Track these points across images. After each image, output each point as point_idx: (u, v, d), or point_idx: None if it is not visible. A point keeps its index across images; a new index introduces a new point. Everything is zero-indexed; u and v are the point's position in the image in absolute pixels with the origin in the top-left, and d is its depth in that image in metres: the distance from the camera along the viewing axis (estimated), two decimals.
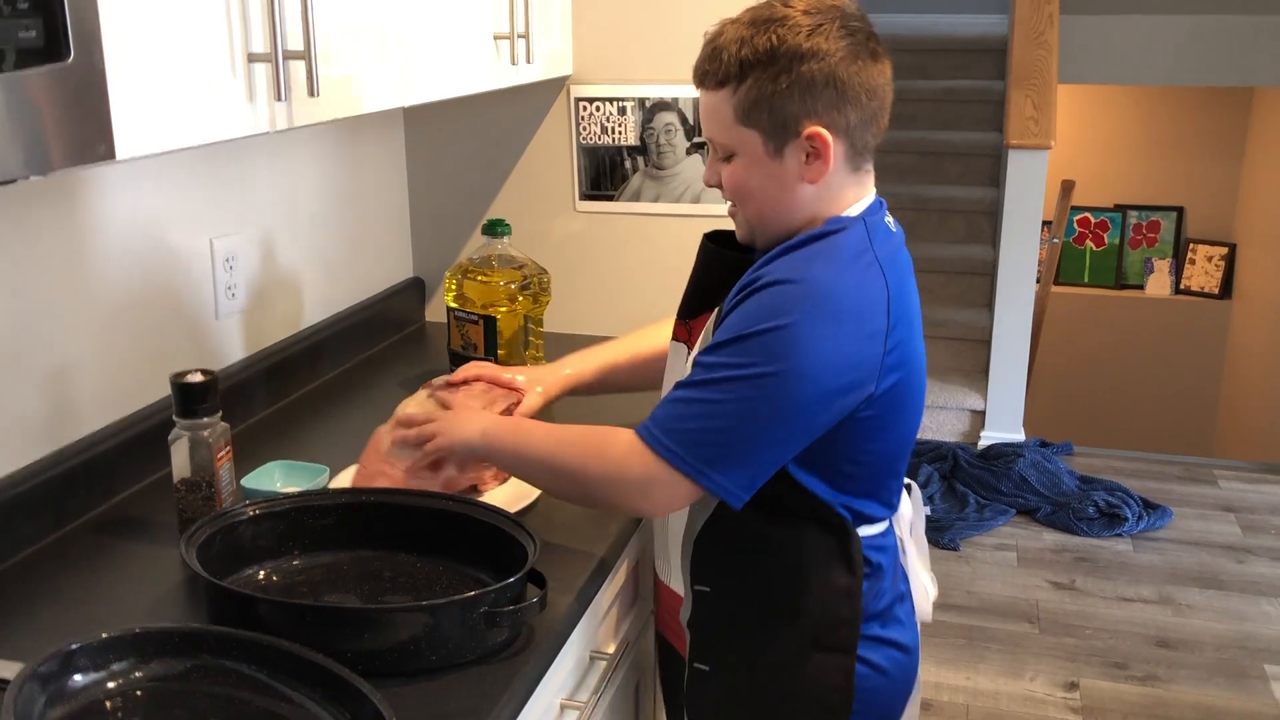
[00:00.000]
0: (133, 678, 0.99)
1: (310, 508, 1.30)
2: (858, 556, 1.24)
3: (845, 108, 1.18)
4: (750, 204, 1.25)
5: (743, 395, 1.14)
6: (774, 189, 1.22)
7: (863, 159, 1.23)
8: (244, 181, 1.74)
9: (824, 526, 1.23)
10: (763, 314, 1.14)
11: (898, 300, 1.19)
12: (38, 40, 0.83)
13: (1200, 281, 6.38)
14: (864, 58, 1.19)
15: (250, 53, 1.14)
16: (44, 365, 1.38)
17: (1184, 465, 4.09)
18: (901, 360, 1.19)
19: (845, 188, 1.23)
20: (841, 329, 1.14)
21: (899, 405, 1.21)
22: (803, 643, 1.25)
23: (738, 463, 1.15)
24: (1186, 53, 5.02)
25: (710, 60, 1.22)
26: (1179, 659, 2.90)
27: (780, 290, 1.15)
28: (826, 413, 1.15)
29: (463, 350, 1.84)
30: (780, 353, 1.12)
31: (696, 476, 1.16)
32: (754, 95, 1.18)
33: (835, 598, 1.24)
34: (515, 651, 1.14)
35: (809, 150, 1.19)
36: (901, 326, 1.19)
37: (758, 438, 1.14)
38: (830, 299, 1.14)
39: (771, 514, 1.23)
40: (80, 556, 1.33)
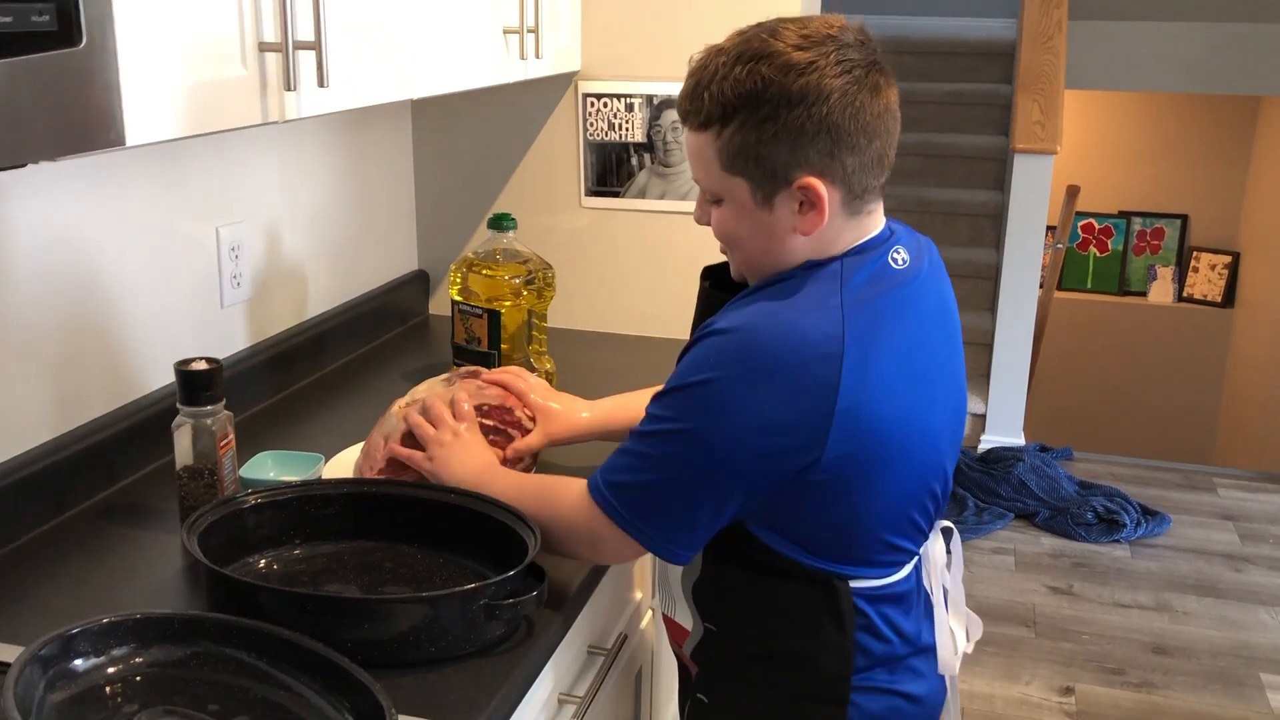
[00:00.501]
0: (133, 663, 1.00)
1: (312, 497, 1.30)
2: (848, 611, 1.16)
3: (841, 154, 1.08)
4: (738, 251, 1.17)
5: (668, 451, 1.10)
6: (763, 239, 1.13)
7: (864, 202, 1.13)
8: (251, 171, 1.75)
9: (808, 582, 1.16)
10: (694, 367, 1.09)
11: (859, 348, 1.06)
12: (50, 25, 0.83)
13: (1203, 290, 6.38)
14: (863, 96, 1.07)
15: (261, 42, 1.14)
16: (49, 351, 1.38)
17: (1183, 473, 4.09)
18: (863, 425, 1.07)
19: (842, 233, 1.13)
20: (768, 387, 1.05)
21: (867, 474, 1.10)
22: (793, 691, 1.21)
23: (668, 519, 1.12)
24: (1194, 60, 5.02)
25: (692, 99, 1.12)
26: (1175, 666, 2.90)
27: (713, 342, 1.09)
28: (758, 474, 1.08)
29: (466, 344, 1.85)
30: (701, 410, 1.07)
31: (633, 531, 1.13)
32: (738, 142, 1.09)
33: (824, 653, 1.18)
34: (514, 644, 1.14)
35: (802, 200, 1.10)
36: (868, 380, 1.06)
37: (685, 495, 1.10)
38: (761, 353, 1.05)
39: (754, 569, 1.18)
40: (82, 542, 1.33)
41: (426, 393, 1.46)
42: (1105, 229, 6.54)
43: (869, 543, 1.16)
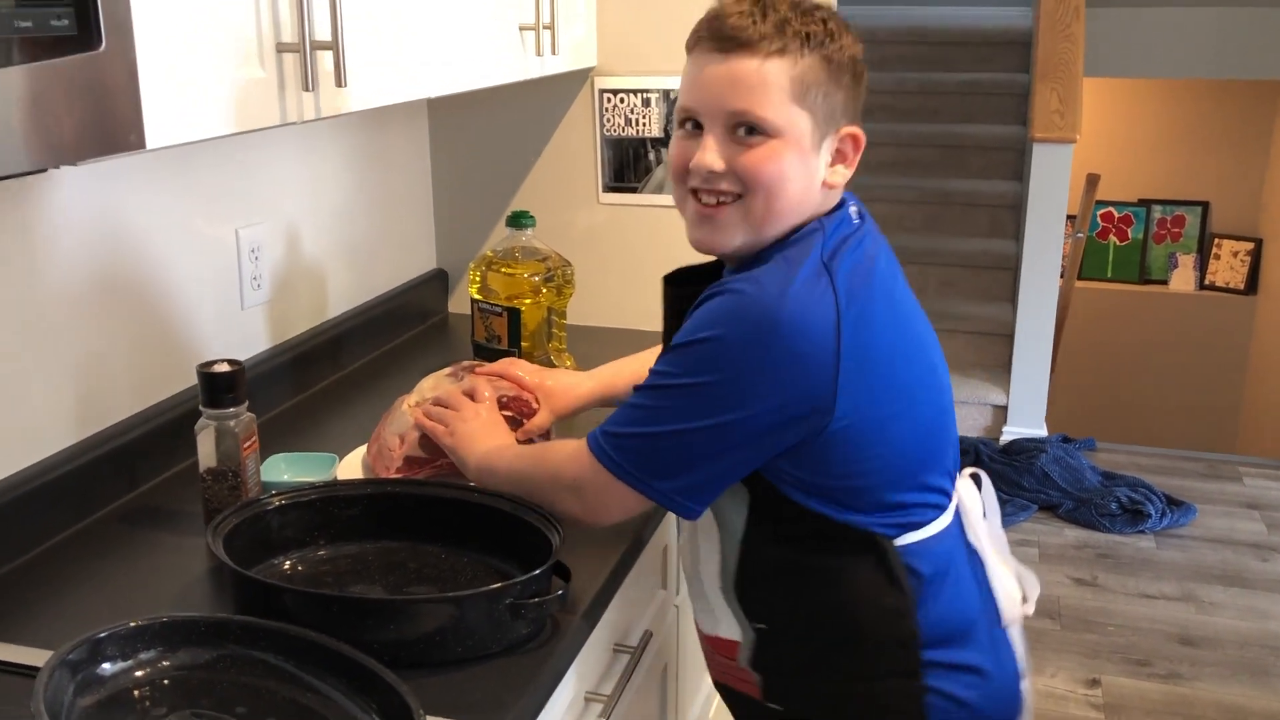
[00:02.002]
0: (160, 666, 1.00)
1: (336, 498, 1.31)
2: (901, 572, 1.15)
3: (858, 114, 1.18)
4: (770, 196, 1.12)
5: (672, 404, 1.10)
6: (802, 183, 1.13)
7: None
8: (269, 172, 1.75)
9: (855, 546, 1.15)
10: (702, 324, 1.10)
11: (851, 308, 1.09)
12: (70, 29, 0.83)
13: (1225, 277, 6.32)
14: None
15: (279, 42, 1.14)
16: (72, 354, 1.38)
17: (1208, 462, 4.06)
18: (870, 374, 1.09)
19: (837, 191, 1.19)
20: (774, 351, 1.06)
21: (885, 418, 1.11)
22: (862, 673, 1.18)
23: (676, 471, 1.11)
24: (1213, 46, 4.97)
25: (760, 18, 1.09)
26: (1202, 657, 2.88)
27: (722, 301, 1.10)
28: (764, 430, 1.08)
29: (486, 342, 1.84)
30: (709, 365, 1.08)
31: (634, 483, 1.13)
32: (815, 74, 1.10)
33: (886, 619, 1.16)
34: (540, 643, 1.14)
35: (837, 150, 1.15)
36: (860, 337, 1.09)
37: (694, 447, 1.10)
38: (766, 318, 1.07)
39: (799, 542, 1.16)
40: (107, 545, 1.33)
41: (433, 389, 1.47)
42: (1125, 217, 6.49)
43: (904, 486, 1.15)
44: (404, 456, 1.42)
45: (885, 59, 5.05)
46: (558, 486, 1.21)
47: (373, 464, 1.46)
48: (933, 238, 4.56)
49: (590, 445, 1.17)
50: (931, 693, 1.17)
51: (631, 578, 1.40)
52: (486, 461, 1.33)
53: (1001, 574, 1.26)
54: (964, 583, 1.21)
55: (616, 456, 1.14)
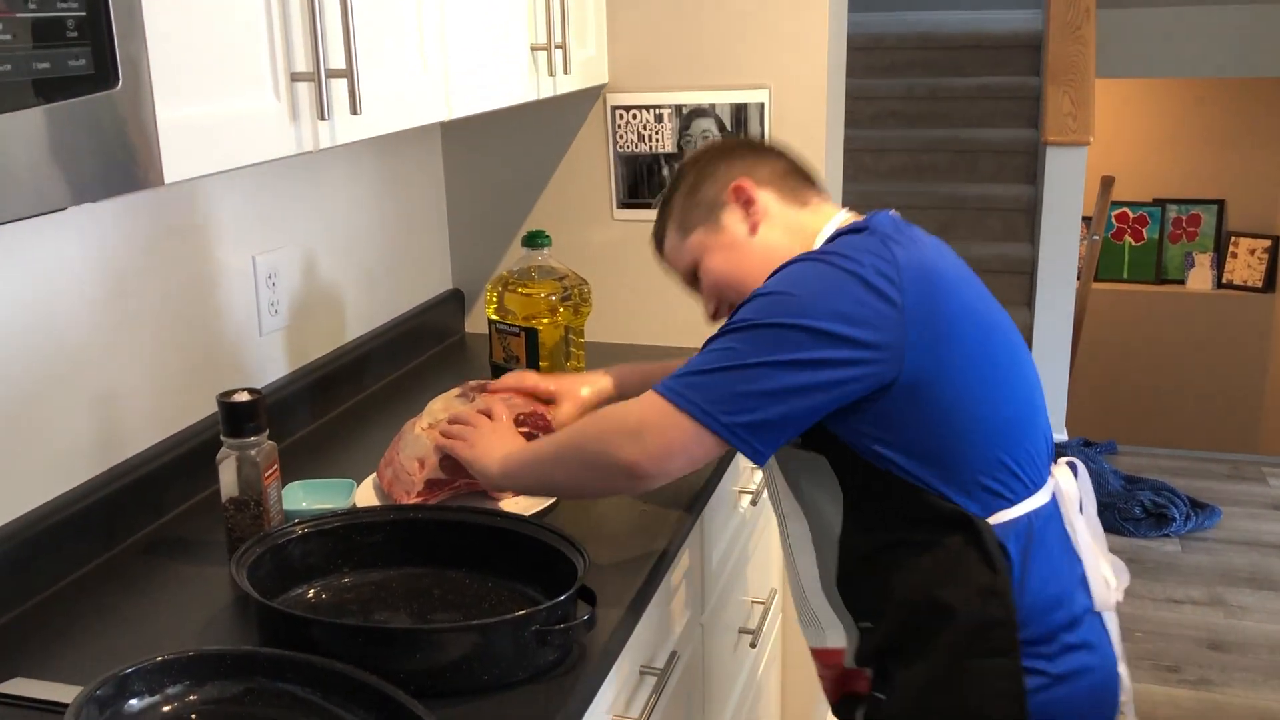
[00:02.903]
0: (187, 701, 1.00)
1: (359, 525, 1.30)
2: (995, 550, 1.18)
3: (754, 166, 1.34)
4: (730, 288, 1.33)
5: (746, 343, 1.16)
6: (735, 256, 1.32)
7: (803, 195, 1.34)
8: (285, 198, 1.75)
9: (949, 524, 1.19)
10: (775, 282, 1.21)
11: (912, 269, 1.18)
12: (87, 69, 0.83)
13: (1243, 275, 6.28)
14: (743, 146, 1.38)
15: (293, 72, 1.14)
16: (91, 386, 1.38)
17: (1231, 463, 4.03)
18: (945, 330, 1.16)
19: (801, 220, 1.32)
20: (843, 284, 1.16)
21: (966, 378, 1.17)
22: (958, 653, 1.20)
23: (744, 406, 1.15)
24: (1225, 44, 4.95)
25: (655, 239, 1.43)
26: (1232, 662, 2.85)
27: (793, 265, 1.22)
28: (835, 373, 1.14)
29: (504, 363, 1.84)
30: (779, 309, 1.16)
31: (700, 416, 1.16)
32: (680, 208, 1.37)
33: (980, 597, 1.18)
34: (566, 669, 1.13)
35: (743, 204, 1.32)
36: (931, 297, 1.17)
37: (763, 383, 1.14)
38: (833, 267, 1.18)
39: (890, 528, 1.21)
40: (131, 577, 1.33)
41: (443, 410, 1.47)
42: (1140, 217, 6.45)
43: (989, 459, 1.19)
44: (425, 480, 1.42)
45: (895, 65, 5.04)
46: (617, 435, 1.20)
47: (388, 489, 1.45)
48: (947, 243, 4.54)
49: (661, 391, 1.20)
50: (1030, 673, 1.19)
51: (657, 599, 1.39)
52: (511, 461, 1.34)
53: (1096, 560, 1.29)
54: (1058, 565, 1.23)
55: (685, 392, 1.17)
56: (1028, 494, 1.22)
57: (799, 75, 2.01)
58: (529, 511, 1.41)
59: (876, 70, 5.06)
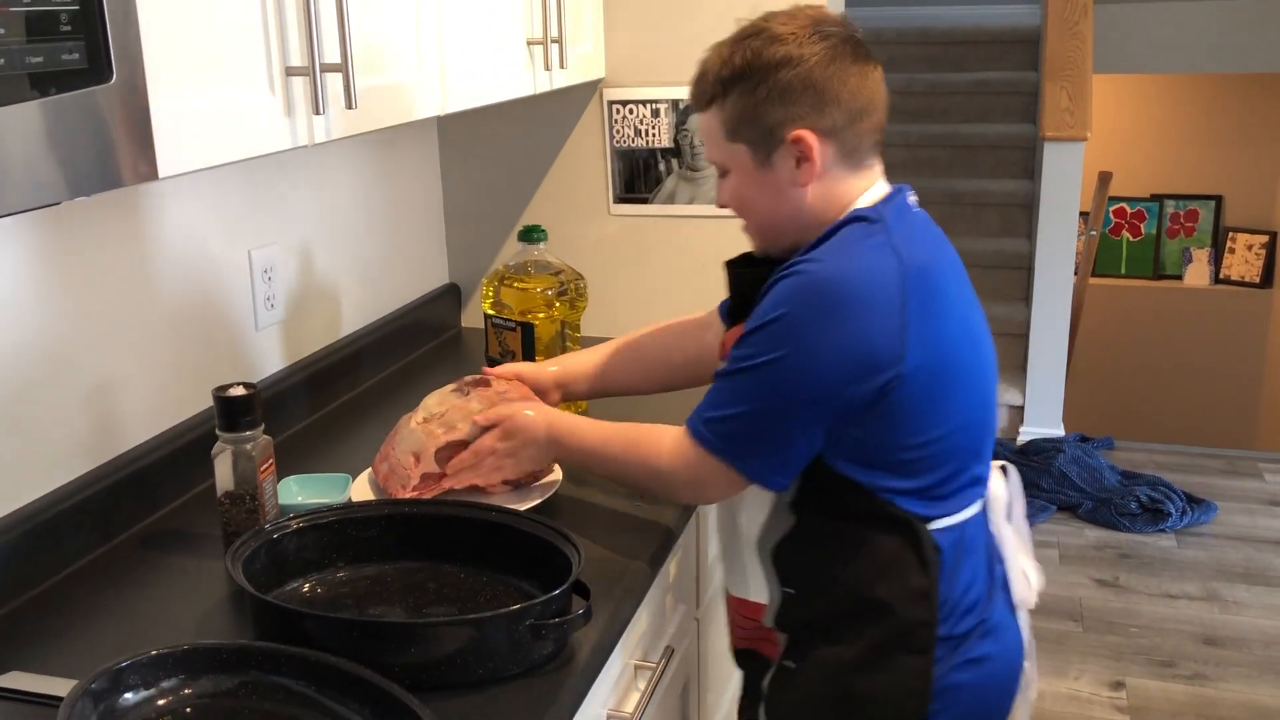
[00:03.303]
0: (182, 694, 1.00)
1: (354, 519, 1.30)
2: (931, 555, 1.22)
3: (827, 109, 1.21)
4: (752, 215, 1.29)
5: (758, 382, 1.19)
6: (770, 198, 1.26)
7: (860, 156, 1.25)
8: (280, 192, 1.75)
9: (892, 525, 1.22)
10: (770, 306, 1.19)
11: (916, 278, 1.18)
12: (80, 63, 0.83)
13: (1240, 270, 6.28)
14: (843, 59, 1.21)
15: (288, 66, 1.14)
16: (87, 380, 1.38)
17: (1227, 459, 4.03)
18: (932, 338, 1.18)
19: (846, 186, 1.25)
20: (840, 315, 1.15)
21: (940, 387, 1.19)
22: (881, 644, 1.24)
23: (766, 449, 1.20)
24: (1221, 39, 4.94)
25: (697, 83, 1.27)
26: (1227, 657, 2.85)
27: (785, 283, 1.19)
28: (840, 397, 1.16)
29: (500, 357, 1.84)
30: (784, 340, 1.17)
31: (736, 463, 1.21)
32: (737, 110, 1.23)
33: (911, 599, 1.23)
34: (561, 664, 1.13)
35: (797, 155, 1.22)
36: (925, 303, 1.17)
37: (779, 421, 1.18)
38: (828, 286, 1.16)
39: (841, 518, 1.24)
40: (126, 571, 1.33)
41: (438, 405, 1.47)
42: (1138, 213, 6.45)
43: (946, 468, 1.22)
44: (420, 474, 1.42)
45: (893, 59, 5.03)
46: (660, 472, 1.29)
47: (384, 484, 1.45)
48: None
49: (691, 432, 1.24)
50: (940, 665, 1.25)
51: (652, 594, 1.39)
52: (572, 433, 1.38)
53: (1020, 560, 1.36)
54: (979, 567, 1.29)
55: (715, 438, 1.22)
56: (968, 504, 1.26)
57: None
58: (522, 507, 1.41)
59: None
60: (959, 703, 1.26)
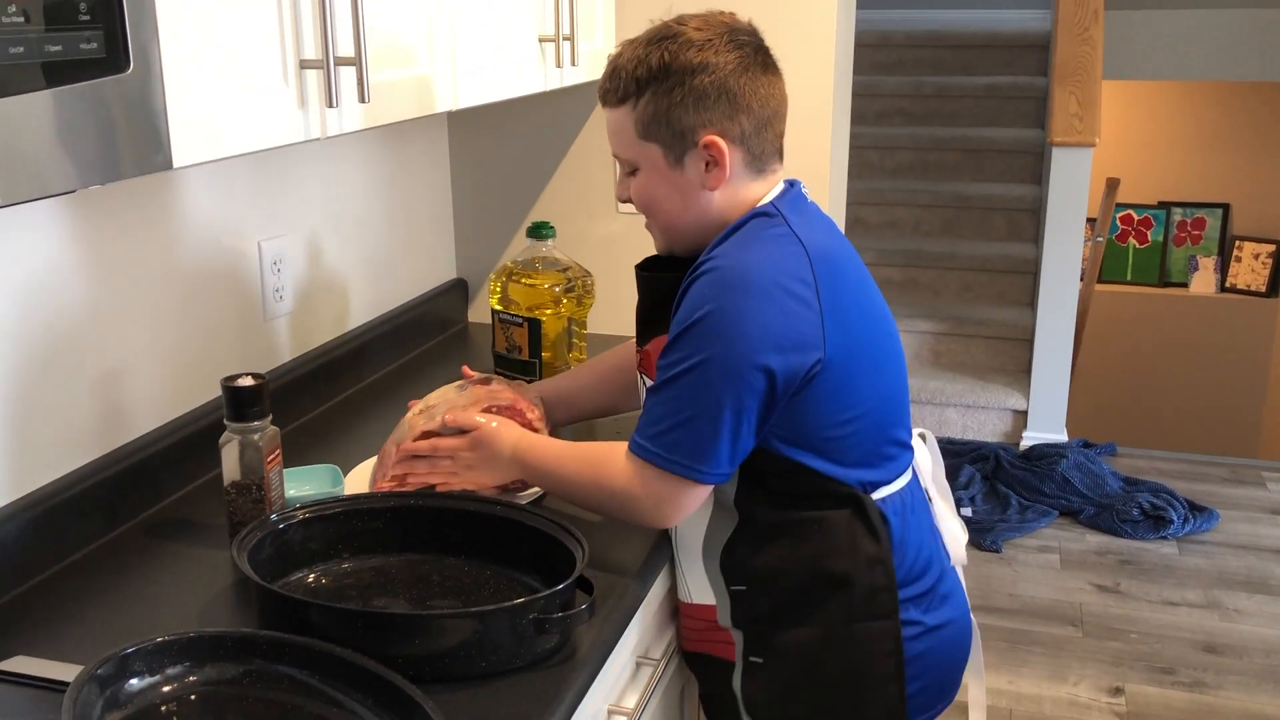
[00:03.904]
0: (187, 682, 1.00)
1: (360, 511, 1.31)
2: (878, 522, 1.27)
3: (738, 116, 1.24)
4: (659, 215, 1.31)
5: (694, 384, 1.19)
6: (678, 198, 1.28)
7: (764, 162, 1.28)
8: (291, 184, 1.76)
9: (837, 500, 1.26)
10: (692, 306, 1.20)
11: (822, 262, 1.22)
12: (98, 52, 0.83)
13: (1247, 279, 6.28)
14: (754, 69, 1.25)
15: (302, 59, 1.14)
16: (95, 368, 1.39)
17: (1230, 467, 4.03)
18: (845, 320, 1.22)
19: (749, 190, 1.28)
20: (763, 302, 1.18)
21: (856, 363, 1.23)
22: (844, 618, 1.28)
23: (713, 450, 1.20)
24: (1232, 47, 4.94)
25: (610, 79, 1.29)
26: (1227, 665, 2.85)
27: (701, 281, 1.21)
28: (775, 383, 1.18)
29: (507, 353, 1.85)
30: (711, 338, 1.18)
31: (691, 475, 1.21)
32: (651, 110, 1.25)
33: (868, 566, 1.27)
34: (564, 658, 1.14)
35: (707, 159, 1.25)
36: (833, 287, 1.21)
37: (720, 420, 1.18)
38: (746, 276, 1.19)
39: (785, 503, 1.27)
40: (132, 559, 1.34)
41: (439, 400, 1.47)
42: (1144, 220, 6.45)
43: (878, 439, 1.28)
44: (398, 461, 1.42)
45: (902, 63, 5.04)
46: (637, 508, 1.26)
47: (375, 472, 1.46)
48: (951, 242, 4.55)
49: (637, 452, 1.23)
50: (908, 624, 1.30)
51: (655, 590, 1.40)
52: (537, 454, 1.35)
53: (948, 519, 1.43)
54: (924, 528, 1.36)
55: (663, 453, 1.21)
56: (902, 470, 1.32)
57: (807, 71, 2.02)
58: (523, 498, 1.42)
59: (884, 67, 5.06)
60: (927, 670, 1.32)
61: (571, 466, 1.32)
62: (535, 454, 1.36)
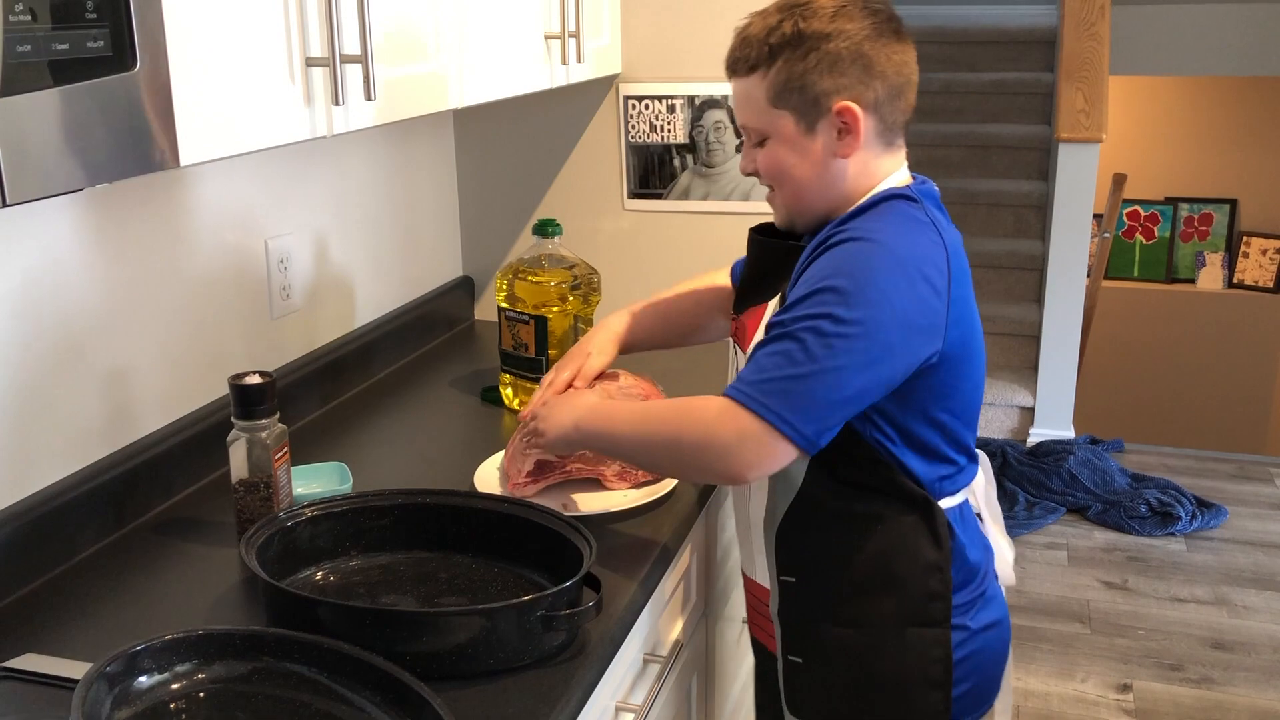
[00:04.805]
0: (196, 679, 1.01)
1: (367, 509, 1.31)
2: (943, 530, 1.25)
3: (872, 82, 1.22)
4: (788, 185, 1.28)
5: (823, 343, 1.15)
6: (809, 167, 1.26)
7: (893, 134, 1.27)
8: (297, 183, 1.76)
9: (907, 502, 1.24)
10: (840, 267, 1.18)
11: (955, 257, 1.22)
12: (105, 50, 0.83)
13: (1254, 275, 6.26)
14: (887, 35, 1.23)
15: (308, 57, 1.15)
16: (103, 367, 1.39)
17: (1238, 463, 4.02)
18: (961, 316, 1.22)
19: (879, 162, 1.26)
20: (911, 286, 1.17)
21: (963, 362, 1.23)
22: (896, 621, 1.26)
23: (814, 408, 1.16)
24: (1239, 42, 4.92)
25: (741, 48, 1.27)
26: (1235, 661, 2.85)
27: (856, 246, 1.19)
28: (897, 366, 1.17)
29: (514, 350, 1.85)
30: (857, 304, 1.15)
31: (783, 428, 1.15)
32: (784, 77, 1.23)
33: (925, 573, 1.25)
34: (571, 655, 1.14)
35: (840, 126, 1.23)
36: (959, 284, 1.22)
37: (841, 385, 1.16)
38: (901, 256, 1.18)
39: (854, 494, 1.25)
40: (141, 556, 1.34)
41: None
42: (1151, 216, 6.43)
43: (955, 441, 1.27)
44: (535, 461, 1.45)
45: None
46: (717, 445, 1.19)
47: (507, 468, 1.49)
48: None
49: (735, 396, 1.18)
50: (956, 629, 1.28)
51: (662, 587, 1.40)
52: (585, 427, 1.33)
53: (998, 538, 1.40)
54: (978, 539, 1.34)
55: (764, 400, 1.16)
56: (967, 482, 1.31)
57: None
58: (641, 503, 1.43)
59: None
60: (973, 673, 1.30)
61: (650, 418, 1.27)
62: (601, 410, 1.33)
